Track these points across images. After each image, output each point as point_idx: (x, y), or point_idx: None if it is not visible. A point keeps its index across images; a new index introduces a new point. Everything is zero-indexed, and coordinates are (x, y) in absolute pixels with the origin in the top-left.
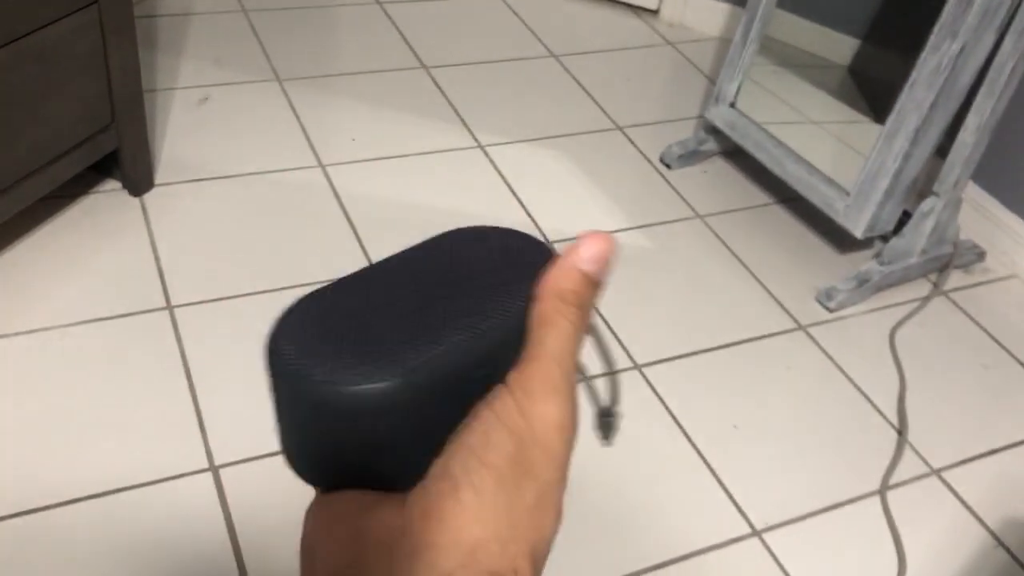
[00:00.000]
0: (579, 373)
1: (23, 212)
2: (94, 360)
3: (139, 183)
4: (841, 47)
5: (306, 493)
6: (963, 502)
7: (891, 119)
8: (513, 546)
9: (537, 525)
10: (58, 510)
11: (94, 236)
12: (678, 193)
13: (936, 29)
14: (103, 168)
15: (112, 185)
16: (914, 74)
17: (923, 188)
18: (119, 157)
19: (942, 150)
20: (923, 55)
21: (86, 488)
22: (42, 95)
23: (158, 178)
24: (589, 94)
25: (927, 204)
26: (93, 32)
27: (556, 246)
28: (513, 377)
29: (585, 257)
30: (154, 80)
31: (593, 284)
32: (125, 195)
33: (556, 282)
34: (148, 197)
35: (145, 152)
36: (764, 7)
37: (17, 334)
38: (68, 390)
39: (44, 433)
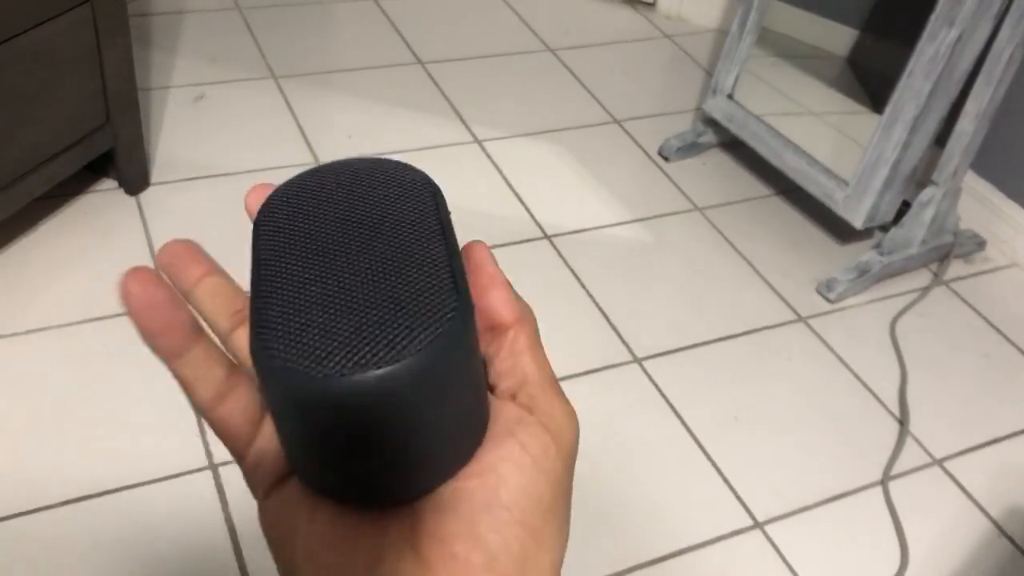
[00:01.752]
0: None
1: (19, 212)
2: (92, 359)
3: (135, 182)
4: (839, 38)
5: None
6: (965, 492)
7: (889, 109)
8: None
9: (559, 544)
10: (56, 510)
11: (90, 235)
12: (677, 186)
13: (933, 17)
14: (99, 167)
15: (108, 184)
16: (911, 63)
17: (922, 178)
18: (114, 156)
19: (941, 139)
20: (920, 44)
21: (85, 487)
22: (36, 94)
23: (154, 177)
24: (586, 88)
25: (926, 194)
26: (87, 31)
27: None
28: (539, 404)
29: (497, 272)
30: (149, 79)
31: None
32: (121, 194)
33: (510, 301)
34: (144, 196)
35: (140, 151)
36: None
37: (14, 334)
38: (65, 389)
39: (41, 433)
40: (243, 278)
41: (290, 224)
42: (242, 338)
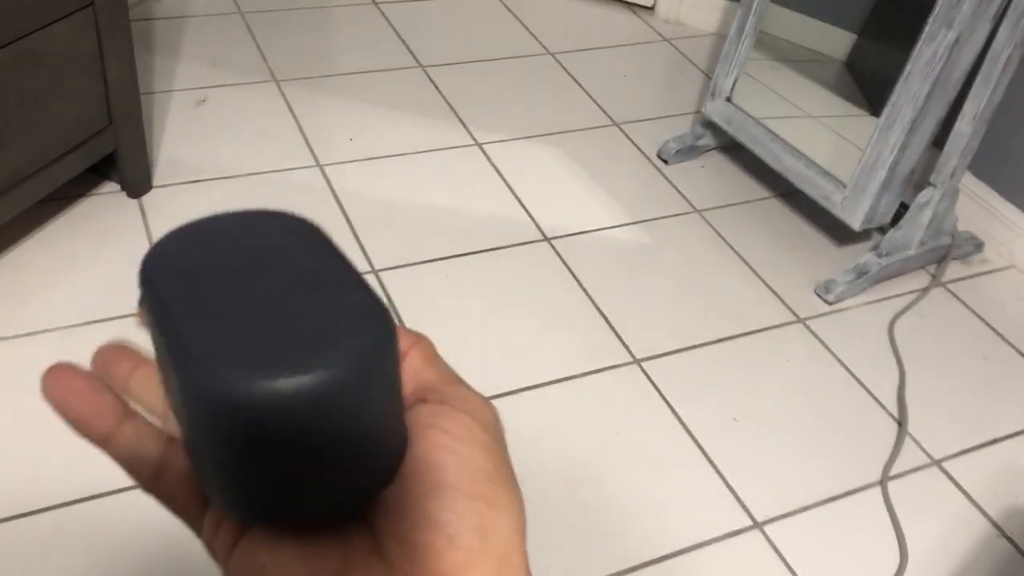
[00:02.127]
0: None
1: (22, 215)
2: None
3: (137, 185)
4: (836, 41)
5: None
6: (964, 492)
7: (887, 111)
8: (518, 540)
9: (515, 507)
10: (56, 511)
11: (93, 238)
12: (675, 188)
13: (931, 19)
14: (101, 170)
15: (110, 187)
16: (909, 65)
17: (920, 180)
18: (117, 159)
19: (939, 141)
20: (918, 46)
21: (85, 490)
22: (39, 98)
23: (156, 180)
24: (586, 91)
25: (924, 195)
26: (89, 34)
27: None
28: (440, 397)
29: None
30: (151, 82)
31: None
32: (123, 197)
33: (407, 339)
34: (146, 199)
35: (143, 154)
36: (759, 1)
37: (16, 336)
38: None
39: (40, 435)
40: None
41: (186, 267)
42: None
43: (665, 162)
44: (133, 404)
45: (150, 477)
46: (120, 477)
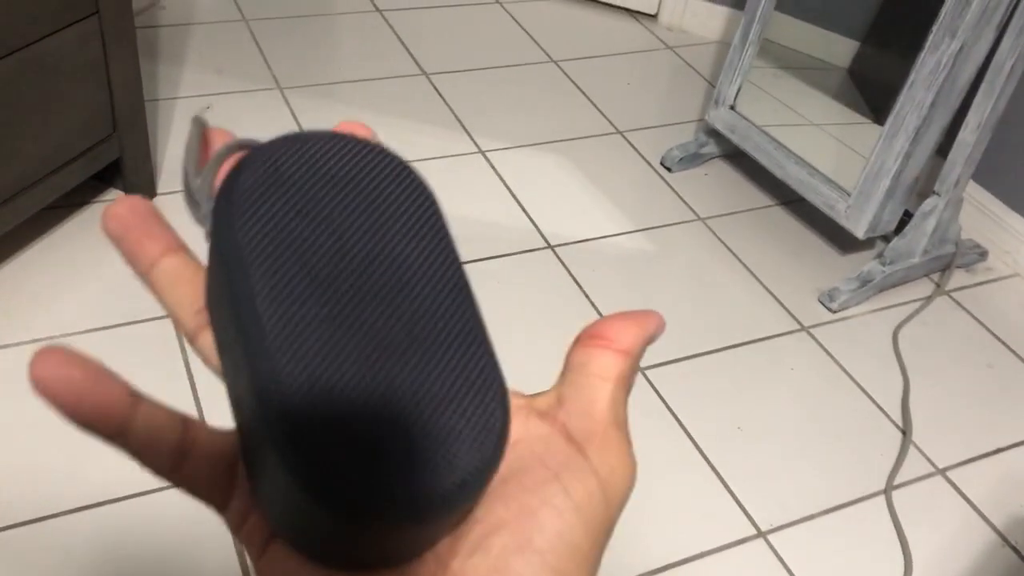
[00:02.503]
0: None
1: (26, 222)
2: None
3: (141, 192)
4: (840, 49)
5: None
6: (969, 501)
7: (891, 119)
8: None
9: None
10: (61, 519)
11: (97, 246)
12: (679, 196)
13: (935, 28)
14: (105, 178)
15: (115, 194)
16: (913, 74)
17: (924, 188)
18: (121, 166)
19: (943, 149)
20: (922, 55)
21: (90, 497)
22: (44, 106)
23: (160, 187)
24: (589, 99)
25: (928, 204)
26: (94, 42)
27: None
28: (592, 444)
29: (653, 331)
30: (156, 90)
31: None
32: None
33: (638, 344)
34: None
35: (147, 162)
36: (763, 9)
37: (21, 343)
38: None
39: (48, 442)
40: None
41: (276, 214)
42: (210, 342)
43: (669, 170)
44: (153, 296)
45: (169, 467)
46: (123, 485)
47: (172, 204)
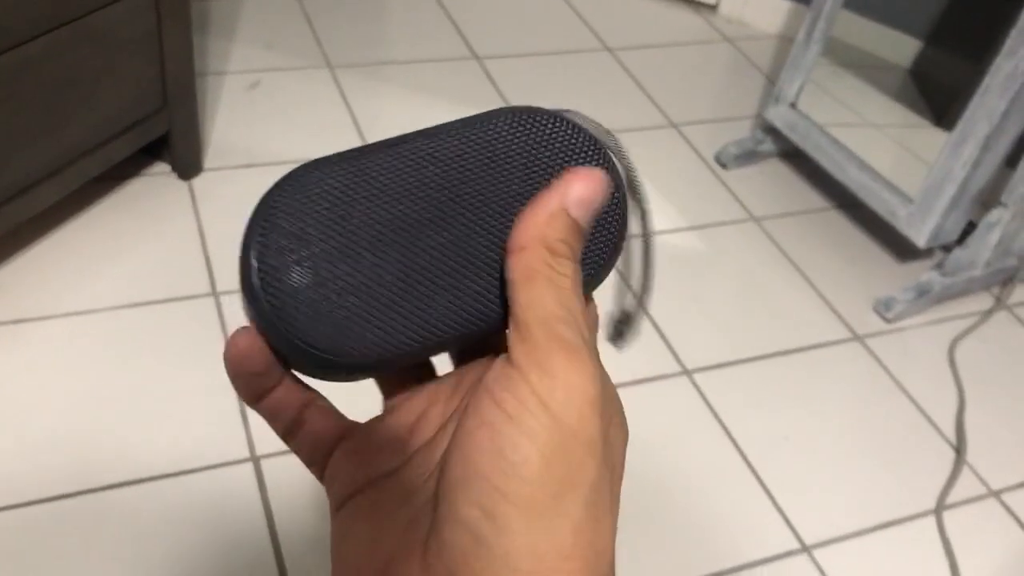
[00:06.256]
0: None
1: (73, 193)
2: (139, 344)
3: (188, 167)
4: (902, 48)
5: None
6: (1022, 525)
7: (960, 125)
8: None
9: (590, 541)
10: (97, 494)
11: (142, 219)
12: (733, 194)
13: (1014, 33)
14: (153, 151)
15: (161, 168)
16: (987, 79)
17: (987, 198)
18: (169, 140)
19: (1012, 160)
20: (998, 60)
21: (127, 473)
22: (96, 77)
23: (207, 163)
24: (644, 90)
25: (994, 215)
26: (148, 14)
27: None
28: (519, 353)
29: (575, 199)
30: (205, 64)
31: (582, 231)
32: (174, 178)
33: (543, 231)
34: (196, 181)
35: (195, 136)
36: (830, 6)
37: (66, 315)
38: (113, 373)
39: (84, 417)
40: None
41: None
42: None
43: (723, 166)
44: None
45: (285, 432)
46: (161, 465)
47: (217, 180)
